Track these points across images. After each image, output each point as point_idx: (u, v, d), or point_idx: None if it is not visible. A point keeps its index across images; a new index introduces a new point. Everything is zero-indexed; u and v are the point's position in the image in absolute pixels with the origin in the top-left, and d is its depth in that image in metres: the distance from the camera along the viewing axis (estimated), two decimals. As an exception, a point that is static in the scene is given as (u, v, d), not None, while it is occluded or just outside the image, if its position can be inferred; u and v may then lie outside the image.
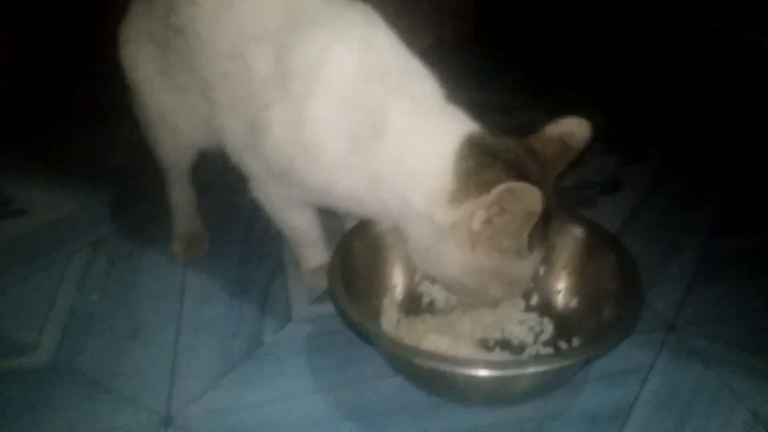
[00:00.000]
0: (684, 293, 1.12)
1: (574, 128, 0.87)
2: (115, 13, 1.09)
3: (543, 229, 0.85)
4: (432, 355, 0.84)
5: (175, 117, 1.07)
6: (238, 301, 1.12)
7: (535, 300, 1.06)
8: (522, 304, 1.05)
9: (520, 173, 0.80)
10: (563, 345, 0.99)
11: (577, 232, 1.05)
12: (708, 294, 1.12)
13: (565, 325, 1.02)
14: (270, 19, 0.89)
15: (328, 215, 1.09)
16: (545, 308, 1.05)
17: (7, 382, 0.97)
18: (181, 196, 1.25)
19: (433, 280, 1.03)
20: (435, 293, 1.06)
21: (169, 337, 1.04)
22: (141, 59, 1.06)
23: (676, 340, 1.02)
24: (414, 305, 1.06)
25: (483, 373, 0.80)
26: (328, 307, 1.06)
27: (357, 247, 1.02)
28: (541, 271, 1.07)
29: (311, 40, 0.86)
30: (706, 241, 1.24)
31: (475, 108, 1.72)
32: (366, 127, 0.85)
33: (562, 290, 1.05)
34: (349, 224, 1.10)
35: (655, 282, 1.13)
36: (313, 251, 1.11)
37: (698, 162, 1.52)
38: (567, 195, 1.38)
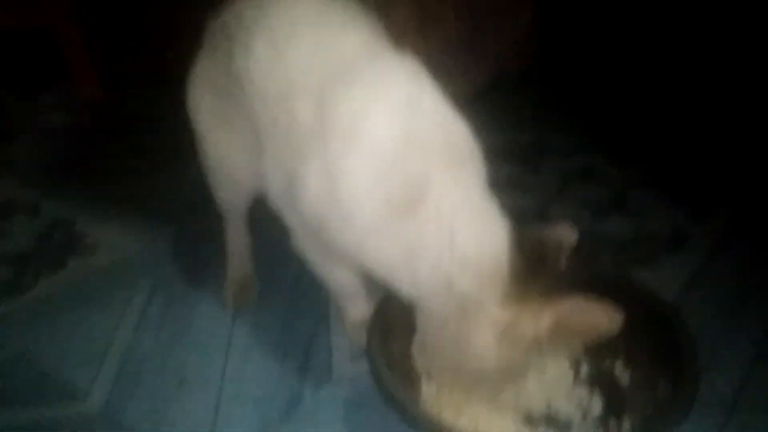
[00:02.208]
0: (748, 369, 1.04)
1: (566, 236, 0.89)
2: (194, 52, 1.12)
3: None
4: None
5: (233, 163, 1.09)
6: (281, 354, 1.12)
7: (584, 372, 1.01)
8: (570, 375, 1.01)
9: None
10: (613, 423, 0.94)
11: (632, 300, 0.99)
12: (776, 372, 1.04)
13: (616, 400, 0.96)
14: (317, 69, 0.88)
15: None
16: (595, 381, 1.00)
17: (59, 427, 1.01)
18: (237, 239, 1.27)
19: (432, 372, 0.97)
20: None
21: (212, 392, 1.06)
22: (204, 107, 1.09)
23: (737, 423, 0.95)
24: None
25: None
26: (370, 366, 1.05)
27: (396, 306, 0.99)
28: (592, 340, 1.03)
29: (354, 97, 0.84)
30: (776, 311, 1.15)
31: (535, 149, 1.68)
32: (404, 196, 0.82)
33: (613, 363, 1.00)
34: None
35: (717, 355, 1.06)
36: (356, 306, 1.11)
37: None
38: (626, 251, 1.33)
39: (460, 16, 1.75)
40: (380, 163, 0.82)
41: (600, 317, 0.78)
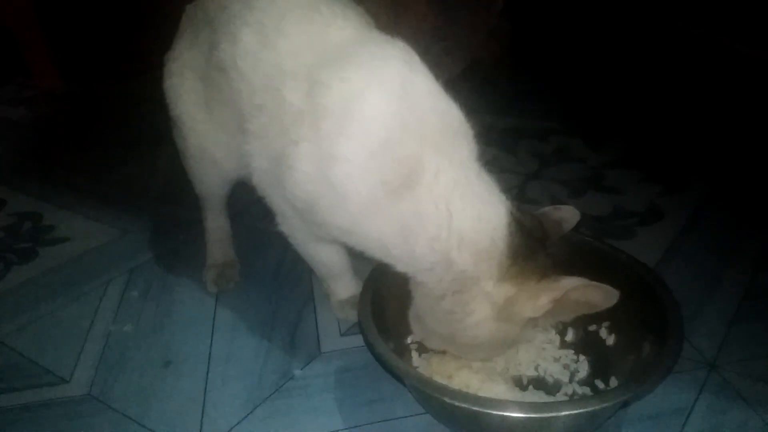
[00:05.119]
0: (726, 329, 1.08)
1: (569, 216, 0.95)
2: (158, 42, 1.12)
3: None
4: (463, 396, 0.82)
5: (213, 148, 1.08)
6: (267, 332, 1.12)
7: (570, 336, 1.03)
8: (557, 340, 1.03)
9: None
10: (600, 384, 0.96)
11: (615, 266, 1.02)
12: (752, 330, 1.08)
13: (602, 362, 0.99)
14: (306, 55, 0.88)
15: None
16: (581, 345, 1.02)
17: (42, 411, 0.98)
18: (216, 224, 1.26)
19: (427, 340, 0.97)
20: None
21: (200, 370, 1.04)
22: (184, 92, 1.08)
23: (717, 379, 0.99)
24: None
25: (515, 414, 0.78)
26: (358, 340, 1.05)
27: (388, 278, 1.00)
28: (577, 305, 1.05)
29: (347, 79, 0.84)
30: (750, 275, 1.20)
31: (511, 133, 1.72)
32: (399, 176, 0.83)
33: (598, 326, 1.02)
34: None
35: (697, 317, 1.10)
36: (342, 283, 1.11)
37: (743, 191, 1.47)
38: (605, 226, 1.36)
39: (433, 7, 1.77)
40: (375, 144, 0.82)
41: (597, 295, 0.81)
